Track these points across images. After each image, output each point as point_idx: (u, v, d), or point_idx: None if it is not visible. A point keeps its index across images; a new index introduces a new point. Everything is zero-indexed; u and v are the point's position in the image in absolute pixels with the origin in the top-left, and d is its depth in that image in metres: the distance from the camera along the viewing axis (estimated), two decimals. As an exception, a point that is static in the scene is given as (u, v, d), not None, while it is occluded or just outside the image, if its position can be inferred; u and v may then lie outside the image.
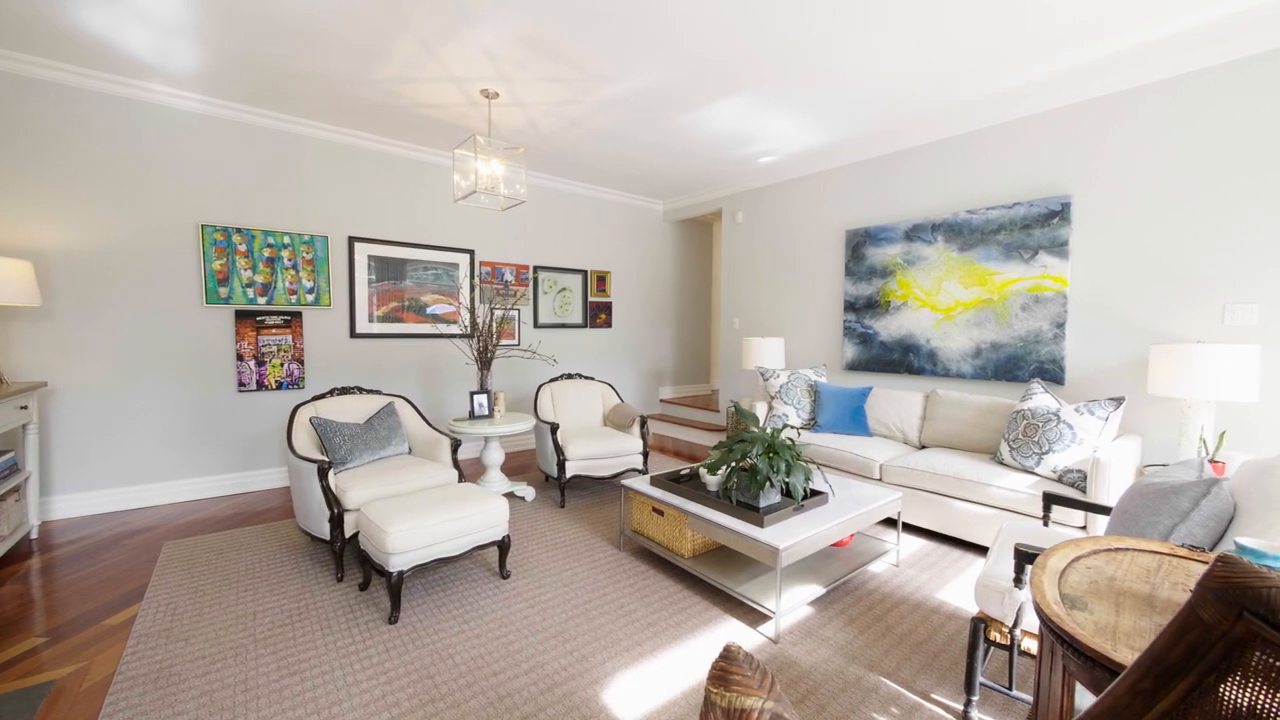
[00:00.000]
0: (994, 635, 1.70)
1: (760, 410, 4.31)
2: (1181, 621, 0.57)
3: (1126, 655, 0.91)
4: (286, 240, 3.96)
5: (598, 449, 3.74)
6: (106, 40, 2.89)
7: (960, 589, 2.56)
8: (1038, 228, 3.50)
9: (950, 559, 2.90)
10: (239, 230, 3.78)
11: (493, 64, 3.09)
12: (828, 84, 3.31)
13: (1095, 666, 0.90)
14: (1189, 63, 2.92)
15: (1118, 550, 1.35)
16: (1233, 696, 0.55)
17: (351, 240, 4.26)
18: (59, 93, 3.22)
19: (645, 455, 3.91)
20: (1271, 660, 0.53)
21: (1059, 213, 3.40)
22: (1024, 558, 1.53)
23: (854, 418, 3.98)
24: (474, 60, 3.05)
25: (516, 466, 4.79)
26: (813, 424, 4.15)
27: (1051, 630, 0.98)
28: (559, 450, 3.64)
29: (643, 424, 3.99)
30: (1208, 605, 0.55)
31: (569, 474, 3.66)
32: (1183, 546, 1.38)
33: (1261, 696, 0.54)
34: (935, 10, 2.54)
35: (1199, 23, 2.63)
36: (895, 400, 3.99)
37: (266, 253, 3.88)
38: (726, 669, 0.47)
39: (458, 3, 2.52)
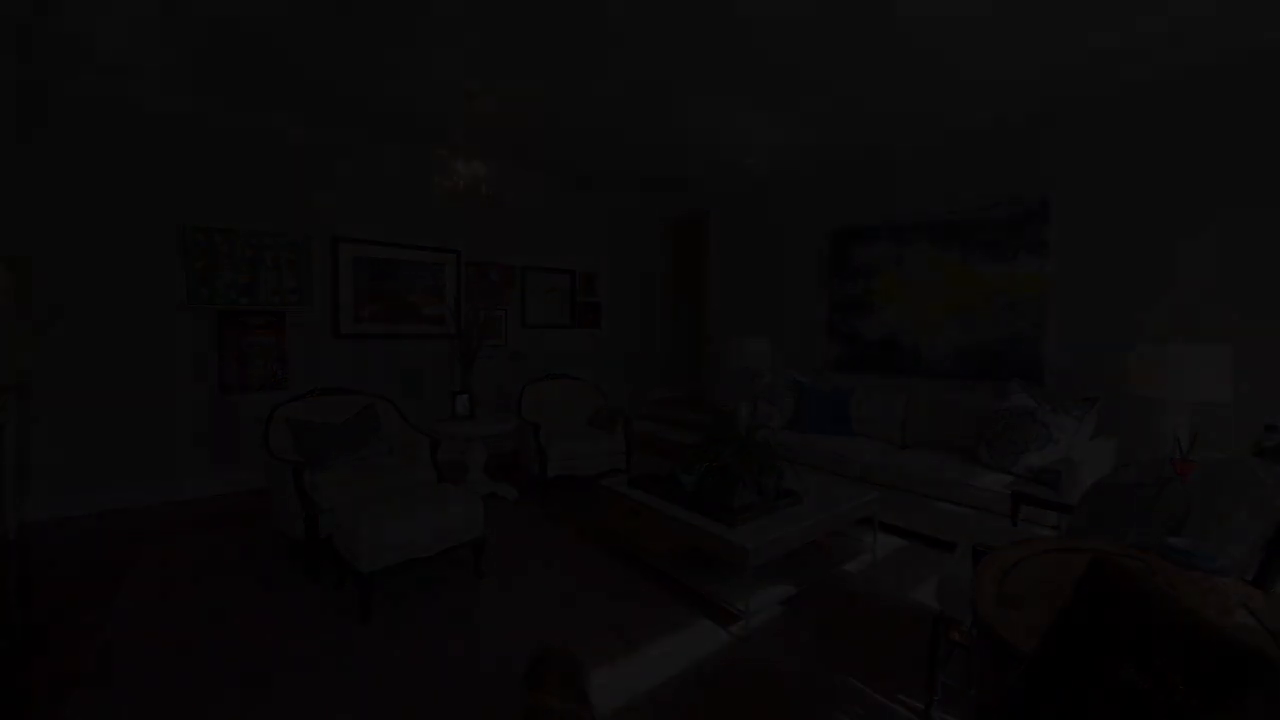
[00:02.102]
0: (955, 635, 1.71)
1: (745, 410, 4.31)
2: (1058, 621, 0.58)
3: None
4: (269, 240, 3.95)
5: (580, 449, 3.74)
6: (87, 39, 2.88)
7: (934, 589, 2.56)
8: (1018, 228, 3.50)
9: (927, 559, 2.91)
10: (221, 230, 3.77)
11: (474, 63, 3.08)
12: (812, 86, 3.30)
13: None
14: (1166, 64, 2.92)
15: (1068, 550, 1.36)
16: (1103, 690, 0.55)
17: (335, 240, 4.25)
18: (38, 92, 3.21)
19: (628, 455, 3.91)
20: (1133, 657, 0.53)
21: (1038, 213, 3.41)
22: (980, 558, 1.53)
23: (837, 417, 3.98)
24: (455, 60, 3.04)
25: (500, 467, 4.78)
26: (797, 423, 4.15)
27: (982, 629, 0.99)
28: (541, 450, 3.65)
29: (626, 423, 3.99)
30: (1080, 606, 0.55)
31: (551, 474, 3.67)
32: (1132, 546, 1.38)
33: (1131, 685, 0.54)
34: (911, 16, 2.54)
35: (1178, 23, 2.63)
36: (878, 400, 3.98)
37: (249, 253, 3.88)
38: (535, 668, 0.48)
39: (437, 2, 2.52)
